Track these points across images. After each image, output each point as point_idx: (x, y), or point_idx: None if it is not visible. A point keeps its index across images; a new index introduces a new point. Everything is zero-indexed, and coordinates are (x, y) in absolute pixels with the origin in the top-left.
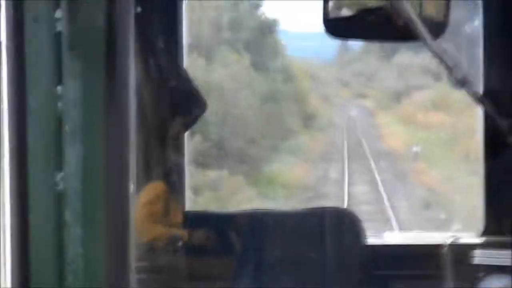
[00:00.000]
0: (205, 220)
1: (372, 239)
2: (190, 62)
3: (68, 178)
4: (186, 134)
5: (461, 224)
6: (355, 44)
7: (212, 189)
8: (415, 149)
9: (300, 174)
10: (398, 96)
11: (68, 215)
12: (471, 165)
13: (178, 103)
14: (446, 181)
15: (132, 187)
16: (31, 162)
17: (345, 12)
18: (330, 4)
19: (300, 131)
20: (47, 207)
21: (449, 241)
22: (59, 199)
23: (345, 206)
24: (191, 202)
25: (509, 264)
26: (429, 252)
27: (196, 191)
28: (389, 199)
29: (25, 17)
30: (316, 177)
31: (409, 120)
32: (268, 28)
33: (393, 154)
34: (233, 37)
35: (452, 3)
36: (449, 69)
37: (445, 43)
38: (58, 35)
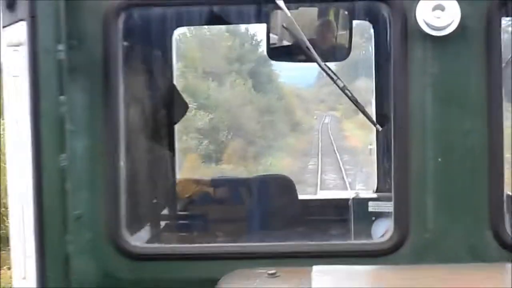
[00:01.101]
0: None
1: (305, 195)
2: (205, 85)
3: (72, 158)
4: (197, 136)
5: None
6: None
7: None
8: (370, 146)
9: (287, 165)
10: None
11: (69, 184)
12: None
13: (168, 105)
14: None
15: (122, 164)
16: (43, 147)
17: (286, 42)
18: (273, 36)
19: (288, 134)
20: (54, 177)
21: (353, 196)
22: (62, 172)
23: (318, 191)
24: None
25: (391, 211)
26: (341, 204)
27: None
28: (350, 185)
29: (39, 48)
30: (298, 167)
31: (365, 126)
32: (265, 61)
33: (354, 150)
34: (239, 67)
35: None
36: (333, 80)
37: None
38: (60, 61)
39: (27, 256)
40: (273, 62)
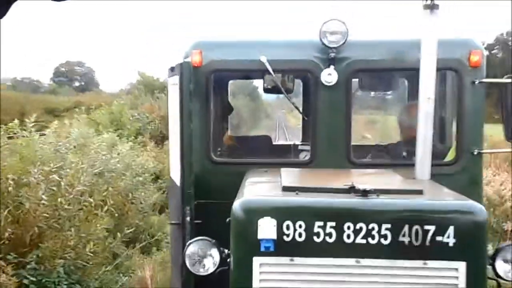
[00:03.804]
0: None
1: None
2: (233, 99)
3: (194, 125)
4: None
5: None
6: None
7: None
8: (298, 126)
9: (265, 133)
10: (293, 109)
11: (192, 136)
12: None
13: (226, 108)
14: None
15: (211, 129)
16: (183, 127)
17: (269, 86)
18: (264, 84)
19: (264, 120)
20: (187, 133)
21: (292, 143)
22: (191, 131)
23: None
24: None
25: (308, 149)
26: (289, 146)
27: None
28: (292, 141)
29: (183, 86)
30: (269, 135)
31: (297, 118)
32: (257, 89)
33: (292, 127)
34: (246, 92)
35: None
36: (293, 104)
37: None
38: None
39: (176, 163)
40: (264, 93)
